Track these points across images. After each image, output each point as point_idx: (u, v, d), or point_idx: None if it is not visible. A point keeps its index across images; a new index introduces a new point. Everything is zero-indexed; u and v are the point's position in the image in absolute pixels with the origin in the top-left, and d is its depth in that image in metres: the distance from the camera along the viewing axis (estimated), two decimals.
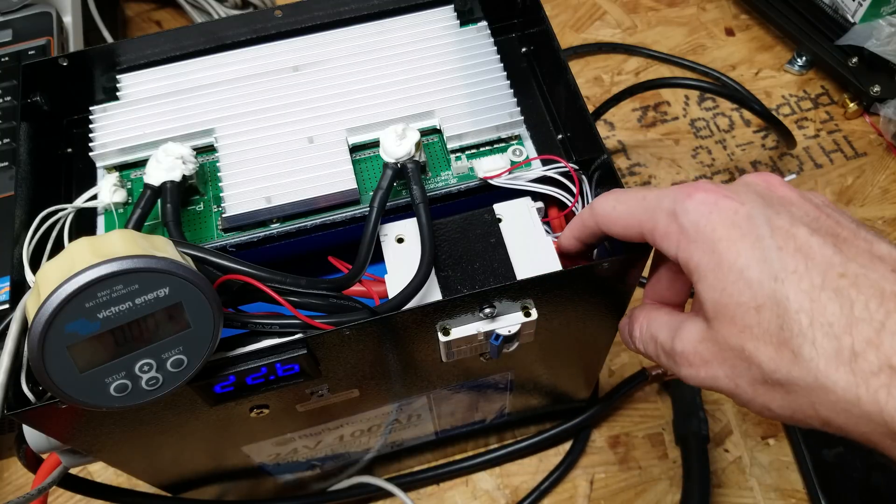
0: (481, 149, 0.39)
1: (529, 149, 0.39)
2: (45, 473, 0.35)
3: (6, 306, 0.34)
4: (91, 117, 0.39)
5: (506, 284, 0.31)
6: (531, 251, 0.34)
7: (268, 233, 0.36)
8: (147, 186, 0.35)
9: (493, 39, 0.41)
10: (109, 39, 0.68)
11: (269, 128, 0.38)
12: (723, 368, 0.25)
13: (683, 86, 0.66)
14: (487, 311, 0.32)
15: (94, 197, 0.37)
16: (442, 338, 0.32)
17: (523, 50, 0.44)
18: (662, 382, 0.55)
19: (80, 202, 0.37)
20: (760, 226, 0.24)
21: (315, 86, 0.39)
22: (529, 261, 0.34)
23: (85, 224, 0.38)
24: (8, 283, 0.34)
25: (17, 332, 0.28)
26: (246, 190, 0.36)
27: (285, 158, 0.37)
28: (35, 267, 0.34)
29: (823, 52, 0.66)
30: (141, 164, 0.39)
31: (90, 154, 0.38)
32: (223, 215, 0.36)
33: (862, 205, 0.63)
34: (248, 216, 0.36)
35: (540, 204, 0.37)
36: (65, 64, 0.40)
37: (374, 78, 0.39)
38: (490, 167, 0.37)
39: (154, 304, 0.26)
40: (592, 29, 0.75)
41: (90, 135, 0.38)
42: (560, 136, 0.40)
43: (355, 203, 0.37)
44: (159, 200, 0.35)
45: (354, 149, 0.38)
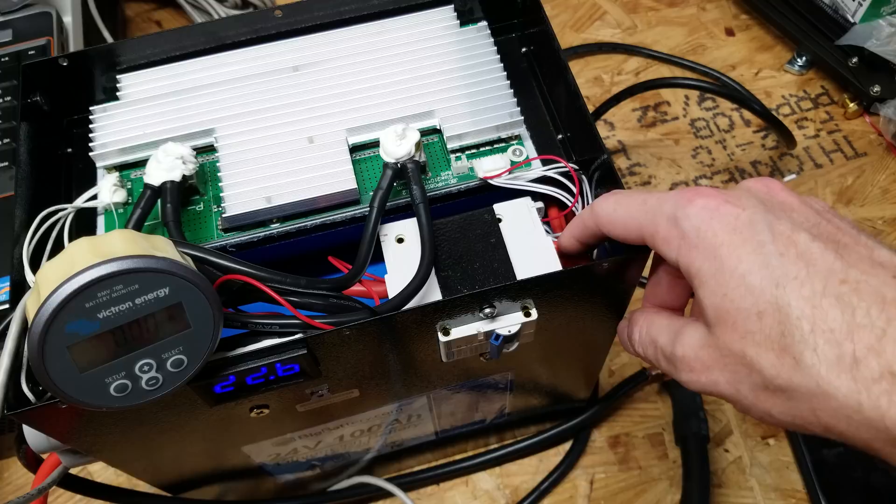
0: (481, 149, 0.39)
1: (529, 149, 0.39)
2: (45, 473, 0.35)
3: (6, 306, 0.34)
4: (91, 117, 0.39)
5: (506, 284, 0.31)
6: (531, 251, 0.34)
7: (268, 233, 0.36)
8: (147, 186, 0.35)
9: (493, 39, 0.41)
10: (109, 39, 0.68)
11: (269, 128, 0.38)
12: (724, 374, 0.25)
13: (683, 86, 0.66)
14: (487, 311, 0.32)
15: (94, 197, 0.37)
16: (442, 338, 0.32)
17: (523, 50, 0.44)
18: (662, 382, 0.55)
19: (80, 202, 0.37)
20: (761, 231, 0.24)
21: (315, 86, 0.39)
22: (529, 261, 0.34)
23: (85, 224, 0.38)
24: (8, 283, 0.34)
25: (17, 332, 0.28)
26: (246, 190, 0.36)
27: (285, 158, 0.37)
28: (35, 267, 0.34)
29: (823, 52, 0.66)
30: (141, 164, 0.39)
31: (90, 154, 0.38)
32: (223, 215, 0.36)
33: (862, 205, 0.63)
34: (248, 216, 0.36)
35: (540, 204, 0.37)
36: (65, 64, 0.40)
37: (374, 78, 0.39)
38: (490, 167, 0.37)
39: (154, 304, 0.26)
40: (592, 29, 0.75)
41: (90, 135, 0.38)
42: (560, 136, 0.40)
43: (355, 203, 0.37)
44: (159, 200, 0.35)
45: (354, 149, 0.38)
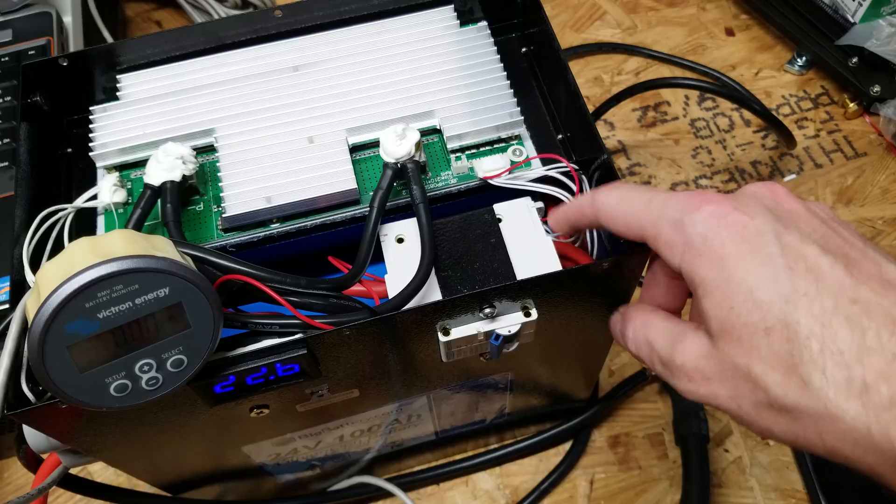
0: (481, 149, 0.39)
1: (529, 149, 0.39)
2: (45, 473, 0.35)
3: (6, 306, 0.34)
4: (91, 117, 0.39)
5: (506, 284, 0.31)
6: (531, 251, 0.34)
7: (268, 233, 0.36)
8: (147, 186, 0.35)
9: (493, 39, 0.41)
10: (109, 39, 0.68)
11: (269, 128, 0.38)
12: (725, 388, 0.25)
13: (683, 86, 0.66)
14: (487, 311, 0.32)
15: (94, 197, 0.37)
16: (442, 338, 0.32)
17: (523, 50, 0.44)
18: (662, 382, 0.55)
19: (80, 202, 0.37)
20: (770, 243, 0.24)
21: (315, 86, 0.39)
22: (529, 261, 0.34)
23: (85, 224, 0.38)
24: (8, 283, 0.34)
25: (17, 332, 0.28)
26: (246, 190, 0.36)
27: (285, 158, 0.37)
28: (35, 267, 0.34)
29: (823, 52, 0.66)
30: (141, 164, 0.39)
31: (90, 154, 0.38)
32: (223, 215, 0.36)
33: (862, 205, 0.63)
34: (248, 216, 0.36)
35: (540, 204, 0.37)
36: (65, 64, 0.40)
37: (374, 78, 0.39)
38: (490, 167, 0.37)
39: (154, 304, 0.26)
40: (592, 29, 0.75)
41: (90, 135, 0.38)
42: (560, 136, 0.40)
43: (355, 203, 0.37)
44: (159, 200, 0.35)
45: (354, 149, 0.38)
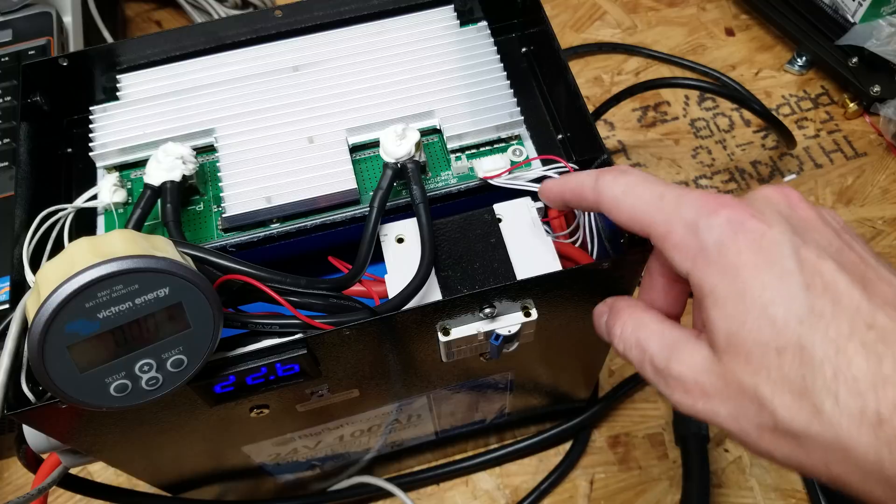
0: (481, 149, 0.39)
1: (529, 149, 0.39)
2: (45, 473, 0.35)
3: (6, 306, 0.34)
4: (91, 117, 0.39)
5: (506, 284, 0.31)
6: (531, 251, 0.34)
7: (268, 233, 0.36)
8: (147, 186, 0.35)
9: (493, 39, 0.41)
10: (109, 39, 0.68)
11: (269, 128, 0.38)
12: (726, 406, 0.24)
13: (683, 86, 0.66)
14: (487, 311, 0.32)
15: (94, 197, 0.37)
16: (442, 338, 0.32)
17: (523, 50, 0.44)
18: None
19: (80, 202, 0.37)
20: (787, 256, 0.23)
21: (315, 86, 0.39)
22: (529, 261, 0.34)
23: (85, 224, 0.38)
24: (8, 283, 0.34)
25: (17, 332, 0.28)
26: (246, 190, 0.36)
27: (285, 158, 0.37)
28: (35, 267, 0.34)
29: (823, 52, 0.66)
30: (141, 164, 0.39)
31: (90, 154, 0.38)
32: (223, 215, 0.36)
33: (862, 205, 0.63)
34: (248, 216, 0.36)
35: (540, 204, 0.37)
36: (65, 64, 0.40)
37: (374, 78, 0.39)
38: (490, 167, 0.37)
39: (154, 304, 0.26)
40: (592, 29, 0.75)
41: (90, 135, 0.38)
42: (560, 136, 0.40)
43: (355, 203, 0.37)
44: (159, 200, 0.35)
45: (354, 149, 0.38)
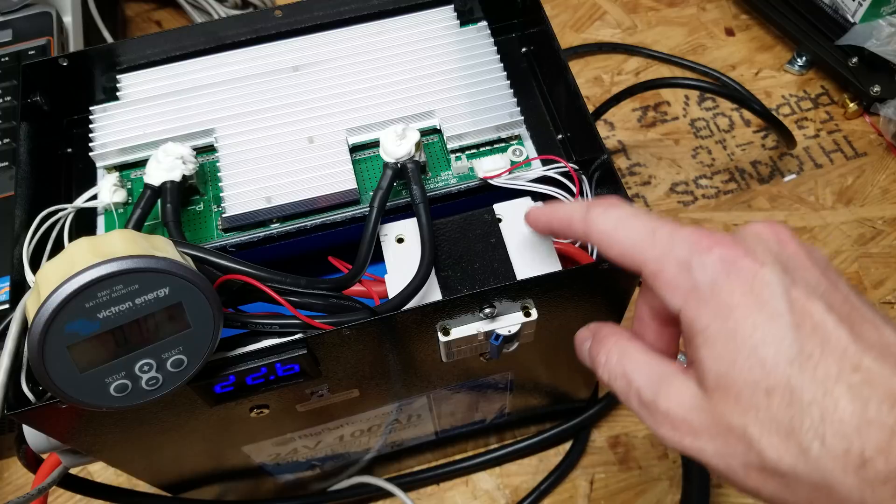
0: (481, 149, 0.39)
1: (529, 149, 0.39)
2: (45, 473, 0.35)
3: (6, 306, 0.34)
4: (91, 117, 0.39)
5: (506, 284, 0.31)
6: (531, 251, 0.34)
7: (268, 233, 0.36)
8: (147, 186, 0.35)
9: (493, 39, 0.41)
10: (109, 39, 0.68)
11: (269, 128, 0.38)
12: (714, 444, 0.23)
13: (683, 86, 0.66)
14: (487, 311, 0.32)
15: (94, 197, 0.37)
16: (442, 338, 0.32)
17: (523, 50, 0.44)
18: None
19: (80, 202, 0.37)
20: (778, 297, 0.23)
21: (315, 86, 0.39)
22: (529, 261, 0.34)
23: (85, 224, 0.38)
24: (8, 283, 0.34)
25: (17, 332, 0.28)
26: (246, 190, 0.36)
27: (285, 158, 0.37)
28: (35, 267, 0.34)
29: (823, 52, 0.66)
30: (141, 164, 0.39)
31: (90, 154, 0.38)
32: (223, 215, 0.36)
33: (862, 205, 0.63)
34: (248, 216, 0.36)
35: (540, 204, 0.37)
36: (65, 64, 0.40)
37: (374, 78, 0.39)
38: (490, 167, 0.37)
39: (154, 304, 0.26)
40: (592, 29, 0.75)
41: (90, 135, 0.38)
42: (560, 136, 0.40)
43: (355, 203, 0.37)
44: (159, 200, 0.35)
45: (354, 149, 0.38)
